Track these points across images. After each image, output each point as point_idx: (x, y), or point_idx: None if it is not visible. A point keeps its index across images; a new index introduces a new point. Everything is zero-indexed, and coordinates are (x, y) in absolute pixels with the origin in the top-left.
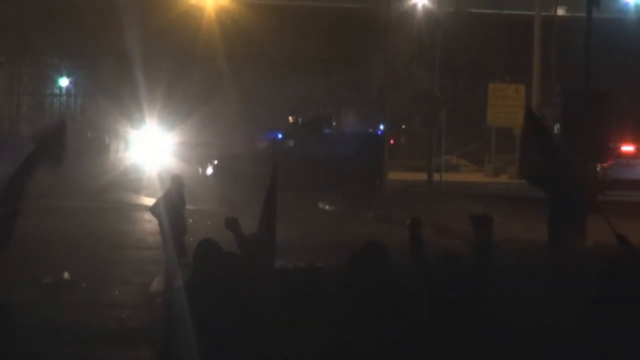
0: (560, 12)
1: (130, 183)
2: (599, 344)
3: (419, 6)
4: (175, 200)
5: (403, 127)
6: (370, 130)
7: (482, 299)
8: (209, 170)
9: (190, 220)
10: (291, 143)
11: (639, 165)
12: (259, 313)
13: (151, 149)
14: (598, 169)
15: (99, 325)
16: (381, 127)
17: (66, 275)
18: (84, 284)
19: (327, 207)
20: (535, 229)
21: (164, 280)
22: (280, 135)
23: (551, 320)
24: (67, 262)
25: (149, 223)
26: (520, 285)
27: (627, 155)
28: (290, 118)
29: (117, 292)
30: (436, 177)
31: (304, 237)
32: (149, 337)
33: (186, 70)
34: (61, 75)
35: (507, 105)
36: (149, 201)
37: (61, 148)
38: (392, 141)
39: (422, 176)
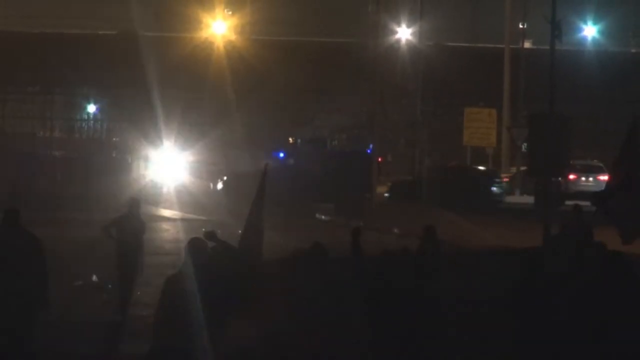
0: (527, 45)
1: (150, 197)
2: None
3: (403, 41)
4: (134, 224)
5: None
6: (361, 150)
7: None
8: (219, 186)
9: (203, 230)
10: (291, 161)
11: (594, 179)
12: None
13: (168, 167)
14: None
15: (123, 322)
16: (370, 147)
17: (95, 278)
18: (109, 286)
19: (323, 217)
20: (505, 236)
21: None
22: (282, 155)
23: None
24: (96, 267)
25: (167, 232)
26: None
27: (583, 171)
28: (290, 139)
29: (139, 293)
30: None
31: (299, 243)
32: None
33: (198, 98)
34: (89, 103)
35: (481, 127)
36: (167, 213)
37: None
38: (380, 159)
39: None
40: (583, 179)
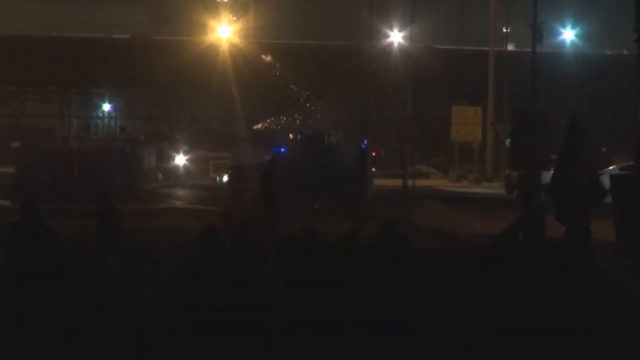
0: (510, 47)
1: (160, 189)
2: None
3: (395, 44)
4: (106, 218)
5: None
6: (356, 145)
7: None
8: (225, 178)
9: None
10: (292, 155)
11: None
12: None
13: (178, 161)
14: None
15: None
16: (365, 142)
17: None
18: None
19: (321, 207)
20: (489, 224)
21: None
22: (283, 149)
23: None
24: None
25: (176, 221)
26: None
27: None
28: (291, 135)
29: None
30: (410, 182)
31: (300, 230)
32: None
33: (205, 97)
34: (104, 101)
35: (467, 124)
36: (178, 203)
37: None
38: (374, 153)
39: (398, 182)
40: None
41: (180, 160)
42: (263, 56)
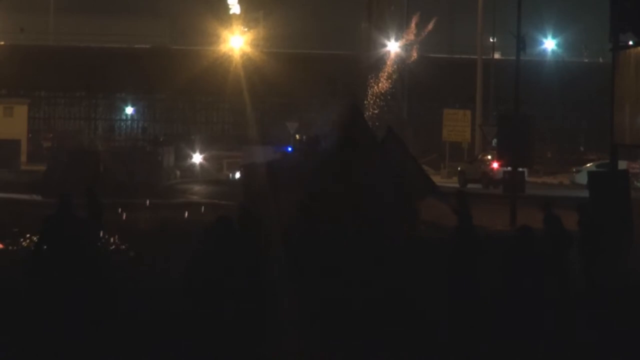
0: (496, 56)
1: (178, 186)
2: None
3: (392, 53)
4: (94, 208)
5: None
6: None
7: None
8: (237, 175)
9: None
10: (298, 155)
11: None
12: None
13: (194, 160)
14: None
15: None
16: None
17: (131, 253)
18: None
19: None
20: (476, 217)
21: None
22: (289, 149)
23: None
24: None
25: (193, 215)
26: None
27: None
28: (297, 136)
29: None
30: None
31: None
32: None
33: (219, 101)
34: (127, 105)
35: (457, 125)
36: (194, 198)
37: None
38: None
39: None
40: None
41: (197, 158)
42: None
